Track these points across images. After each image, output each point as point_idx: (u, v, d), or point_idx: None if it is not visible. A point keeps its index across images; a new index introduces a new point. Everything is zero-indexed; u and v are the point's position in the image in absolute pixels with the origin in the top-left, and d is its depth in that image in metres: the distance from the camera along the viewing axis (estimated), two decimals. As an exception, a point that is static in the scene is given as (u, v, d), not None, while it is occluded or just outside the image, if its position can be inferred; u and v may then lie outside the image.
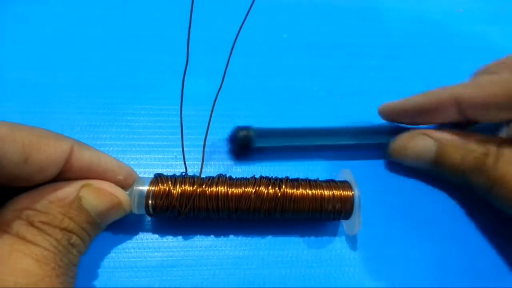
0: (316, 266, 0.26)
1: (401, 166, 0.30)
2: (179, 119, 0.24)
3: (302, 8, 0.41)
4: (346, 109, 0.34)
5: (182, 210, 0.24)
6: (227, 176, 0.25)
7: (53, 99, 0.31)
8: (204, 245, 0.26)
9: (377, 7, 0.42)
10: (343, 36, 0.39)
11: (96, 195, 0.21)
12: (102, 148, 0.26)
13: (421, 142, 0.29)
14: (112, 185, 0.23)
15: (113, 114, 0.31)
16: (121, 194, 0.23)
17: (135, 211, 0.24)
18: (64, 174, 0.21)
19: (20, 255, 0.18)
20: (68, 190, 0.21)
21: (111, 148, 0.29)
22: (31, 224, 0.19)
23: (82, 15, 0.37)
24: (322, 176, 0.27)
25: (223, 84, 0.24)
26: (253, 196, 0.24)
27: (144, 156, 0.29)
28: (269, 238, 0.26)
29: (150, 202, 0.24)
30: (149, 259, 0.25)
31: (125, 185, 0.23)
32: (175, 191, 0.24)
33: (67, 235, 0.20)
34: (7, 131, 0.18)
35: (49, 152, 0.19)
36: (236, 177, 0.25)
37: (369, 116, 0.33)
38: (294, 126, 0.30)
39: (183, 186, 0.24)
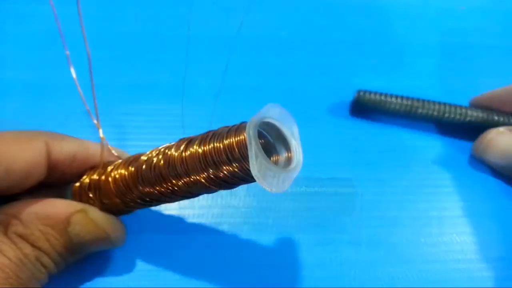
0: (317, 266, 0.26)
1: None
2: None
3: (301, 5, 0.41)
4: (347, 109, 0.34)
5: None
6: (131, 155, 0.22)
7: (49, 99, 0.31)
8: (203, 246, 0.25)
9: (378, 4, 0.42)
10: (343, 34, 0.39)
11: (86, 226, 0.21)
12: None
13: (508, 139, 0.26)
14: (107, 217, 0.21)
15: (110, 113, 0.31)
16: (111, 229, 0.22)
17: None
18: (55, 171, 0.21)
19: None
20: (61, 210, 0.20)
21: (107, 148, 0.29)
22: (5, 232, 0.19)
23: (76, 14, 0.37)
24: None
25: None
26: (144, 166, 0.20)
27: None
28: (267, 238, 0.26)
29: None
30: (146, 260, 0.25)
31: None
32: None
33: (38, 253, 0.19)
34: None
35: (26, 156, 0.19)
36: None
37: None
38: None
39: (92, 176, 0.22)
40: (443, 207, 0.29)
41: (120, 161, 0.22)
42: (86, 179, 0.22)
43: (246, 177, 0.18)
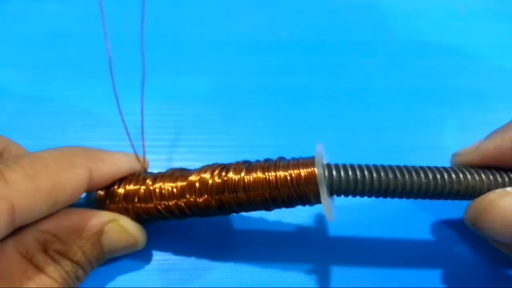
0: (317, 267, 0.25)
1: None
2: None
3: (301, 4, 0.41)
4: (347, 108, 0.33)
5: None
6: (178, 168, 0.24)
7: (45, 99, 0.31)
8: (202, 248, 0.25)
9: (378, 4, 0.42)
10: (343, 33, 0.39)
11: (118, 233, 0.21)
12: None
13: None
14: (135, 224, 0.22)
15: (106, 113, 0.30)
16: (140, 235, 0.22)
17: None
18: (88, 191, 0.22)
19: (30, 283, 0.17)
20: (94, 222, 0.20)
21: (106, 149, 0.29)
22: (45, 250, 0.18)
23: (74, 14, 0.37)
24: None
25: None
26: (197, 184, 0.22)
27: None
28: (267, 238, 0.26)
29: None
30: (146, 261, 0.25)
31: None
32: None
33: (75, 268, 0.19)
34: (27, 184, 0.17)
35: (71, 187, 0.19)
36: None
37: (369, 114, 0.32)
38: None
39: (127, 186, 0.23)
40: (442, 207, 0.29)
41: (159, 174, 0.23)
42: (120, 190, 0.23)
43: (298, 202, 0.22)
